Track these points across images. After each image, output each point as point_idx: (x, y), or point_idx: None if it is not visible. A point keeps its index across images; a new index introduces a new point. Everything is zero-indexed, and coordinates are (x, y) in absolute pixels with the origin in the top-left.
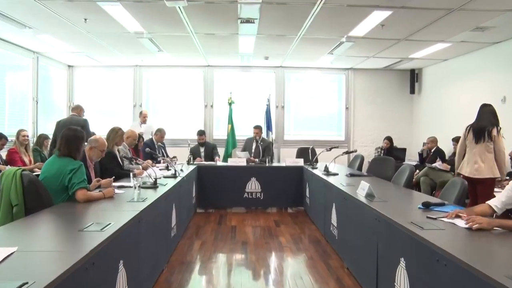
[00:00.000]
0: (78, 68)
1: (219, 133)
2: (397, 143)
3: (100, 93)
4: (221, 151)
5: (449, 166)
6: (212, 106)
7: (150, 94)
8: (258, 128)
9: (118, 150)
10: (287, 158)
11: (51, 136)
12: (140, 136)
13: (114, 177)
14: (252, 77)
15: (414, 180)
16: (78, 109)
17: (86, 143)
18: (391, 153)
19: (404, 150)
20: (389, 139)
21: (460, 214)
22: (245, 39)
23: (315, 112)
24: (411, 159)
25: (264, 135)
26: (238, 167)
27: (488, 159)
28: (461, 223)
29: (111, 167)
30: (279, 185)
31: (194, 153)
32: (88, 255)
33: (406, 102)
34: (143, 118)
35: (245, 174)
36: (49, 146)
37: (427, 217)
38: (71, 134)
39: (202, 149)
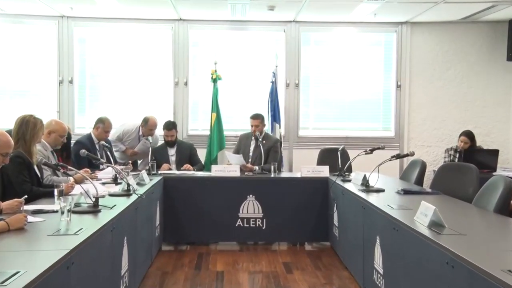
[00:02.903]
0: None
1: (197, 125)
2: (483, 142)
3: (3, 61)
4: (201, 153)
5: None
6: (186, 83)
7: (86, 63)
8: (257, 118)
9: (33, 153)
10: (304, 165)
11: None
12: (69, 132)
13: (26, 195)
14: (249, 38)
15: None
16: None
17: None
18: (472, 157)
19: (495, 153)
20: (468, 135)
21: None
22: None
23: (348, 94)
24: (507, 167)
25: (267, 129)
26: (228, 180)
27: None
28: None
29: (20, 180)
30: (290, 208)
31: (159, 158)
32: None
33: (499, 75)
34: (149, 130)
35: (239, 190)
36: None
37: None
38: None
39: (171, 151)
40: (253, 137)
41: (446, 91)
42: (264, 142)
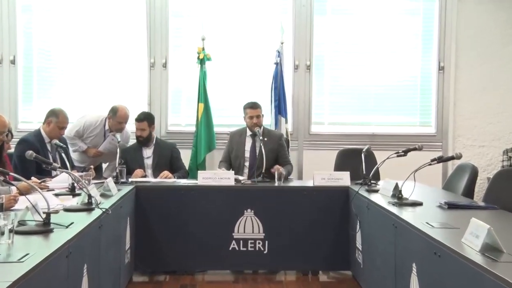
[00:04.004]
0: None
1: (179, 120)
2: None
3: None
4: (185, 156)
5: None
6: (165, 65)
7: (33, 39)
8: (256, 108)
9: None
10: (318, 171)
11: None
12: (9, 130)
13: None
14: (247, 7)
15: None
16: None
17: None
18: None
19: None
20: None
21: None
22: None
23: (374, 78)
24: None
25: (270, 123)
26: (219, 190)
27: None
28: None
29: None
30: (300, 226)
31: (131, 161)
32: None
33: None
34: (118, 124)
35: (233, 204)
36: None
37: None
38: None
39: (146, 153)
40: (248, 134)
41: (504, 74)
42: (266, 140)
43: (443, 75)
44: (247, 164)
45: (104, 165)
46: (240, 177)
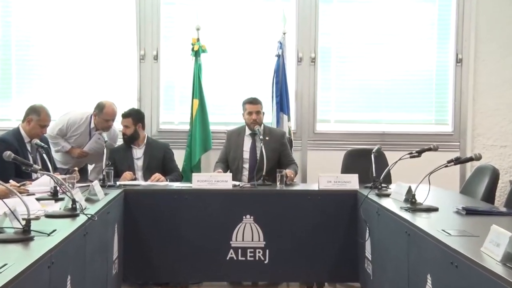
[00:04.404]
0: None
1: (172, 117)
2: None
3: None
4: (179, 156)
5: None
6: (156, 58)
7: (12, 28)
8: (255, 103)
9: None
10: (323, 173)
11: None
12: None
13: None
14: None
15: None
16: None
17: None
18: None
19: None
20: None
21: None
22: None
23: (385, 72)
24: None
25: (271, 121)
26: (216, 194)
27: None
28: None
29: None
30: (304, 233)
31: (119, 162)
32: None
33: None
34: (104, 121)
35: (231, 209)
36: None
37: None
38: None
39: (137, 153)
40: (247, 133)
41: None
42: (267, 139)
43: (461, 68)
44: (246, 166)
45: (90, 167)
46: (239, 183)
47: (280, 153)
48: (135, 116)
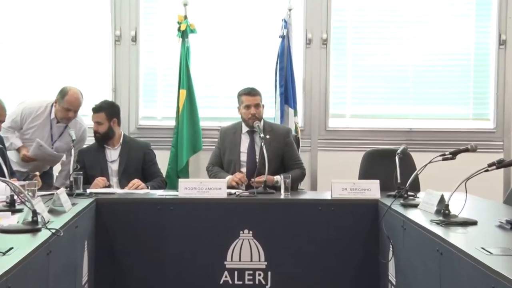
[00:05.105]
0: None
1: (155, 111)
2: None
3: None
4: (162, 158)
5: None
6: (134, 39)
7: None
8: (254, 94)
9: None
10: (337, 179)
11: None
12: None
13: None
14: None
15: None
16: None
17: None
18: None
19: None
20: None
21: None
22: None
23: (412, 58)
24: None
25: (274, 116)
26: (208, 204)
27: None
28: None
29: None
30: (313, 252)
31: (90, 166)
32: None
33: None
34: (65, 110)
35: (226, 223)
36: None
37: None
38: None
39: (110, 154)
40: (245, 130)
41: None
42: (268, 137)
43: (505, 52)
44: (244, 169)
45: (56, 174)
46: (235, 191)
47: (284, 154)
48: (109, 110)
